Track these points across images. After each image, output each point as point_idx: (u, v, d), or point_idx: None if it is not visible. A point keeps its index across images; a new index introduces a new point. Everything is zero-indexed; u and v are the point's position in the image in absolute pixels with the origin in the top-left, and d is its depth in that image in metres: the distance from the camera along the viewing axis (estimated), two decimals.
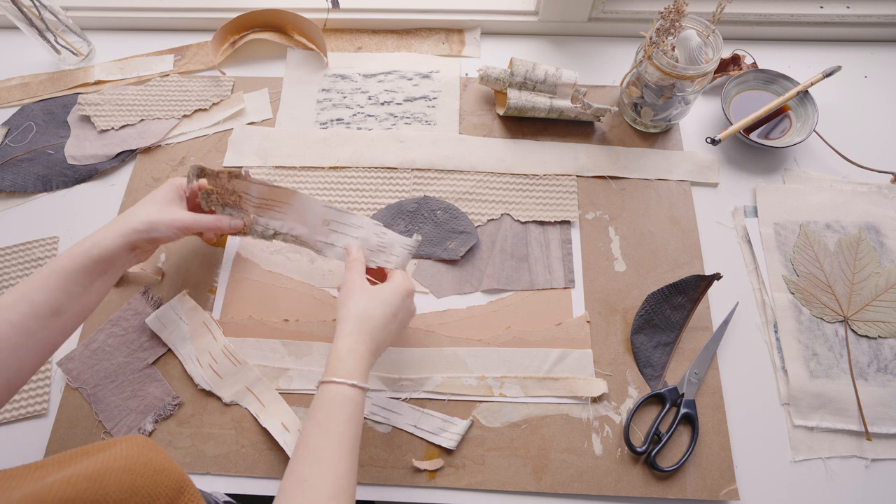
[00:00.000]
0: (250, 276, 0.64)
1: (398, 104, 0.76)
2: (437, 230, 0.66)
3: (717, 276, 0.60)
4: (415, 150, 0.72)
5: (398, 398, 0.58)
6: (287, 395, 0.58)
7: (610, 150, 0.72)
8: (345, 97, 0.77)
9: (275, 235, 0.59)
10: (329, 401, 0.45)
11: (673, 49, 0.63)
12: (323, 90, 0.77)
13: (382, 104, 0.76)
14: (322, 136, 0.73)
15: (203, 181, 0.58)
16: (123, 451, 0.34)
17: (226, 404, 0.58)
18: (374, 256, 0.59)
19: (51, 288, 0.47)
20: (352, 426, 0.44)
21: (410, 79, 0.78)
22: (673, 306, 0.61)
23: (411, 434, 0.56)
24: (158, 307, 0.61)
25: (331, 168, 0.71)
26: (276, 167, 0.71)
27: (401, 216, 0.67)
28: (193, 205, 0.58)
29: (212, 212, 0.59)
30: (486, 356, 0.60)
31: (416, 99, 0.76)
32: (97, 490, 0.30)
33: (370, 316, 0.49)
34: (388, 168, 0.71)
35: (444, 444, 0.55)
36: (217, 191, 0.59)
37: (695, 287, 0.61)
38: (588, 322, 0.61)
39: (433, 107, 0.76)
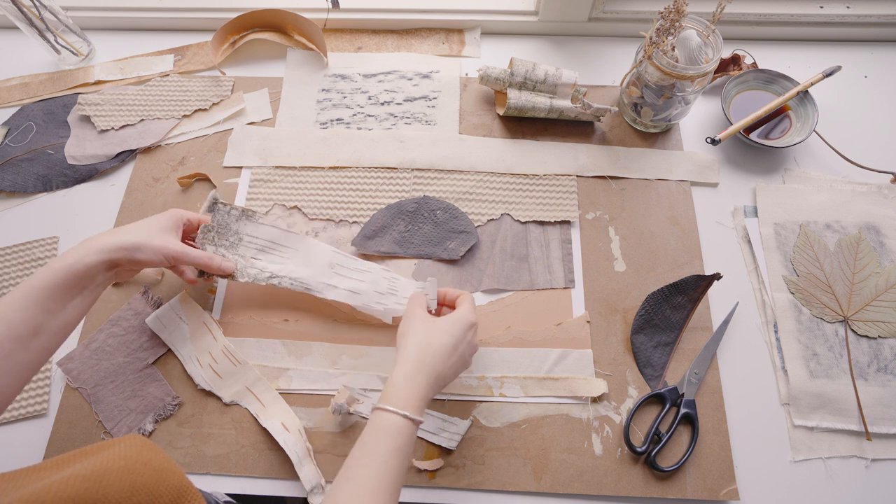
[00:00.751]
0: None
1: (398, 104, 0.76)
2: (436, 230, 0.66)
3: (717, 276, 0.60)
4: (415, 150, 0.72)
5: None
6: (287, 395, 0.58)
7: (610, 150, 0.72)
8: (345, 97, 0.77)
9: (270, 278, 0.59)
10: (378, 428, 0.44)
11: (673, 49, 0.63)
12: (323, 90, 0.77)
13: (382, 104, 0.76)
14: (322, 136, 0.73)
15: (207, 217, 0.58)
16: (122, 452, 0.34)
17: (226, 404, 0.57)
18: (384, 300, 0.59)
19: (28, 306, 0.45)
20: (397, 458, 0.43)
21: (410, 79, 0.78)
22: (673, 306, 0.61)
23: None
24: (158, 307, 0.61)
25: (331, 168, 0.71)
26: (276, 167, 0.71)
27: (400, 216, 0.67)
28: (189, 238, 0.58)
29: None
30: (485, 356, 0.60)
31: (416, 99, 0.76)
32: (97, 490, 0.31)
33: (430, 345, 0.48)
34: (388, 168, 0.71)
35: (444, 444, 0.55)
36: (217, 228, 0.59)
37: (695, 287, 0.61)
38: (588, 322, 0.61)
39: (433, 107, 0.76)
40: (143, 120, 0.74)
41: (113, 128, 0.74)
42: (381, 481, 0.41)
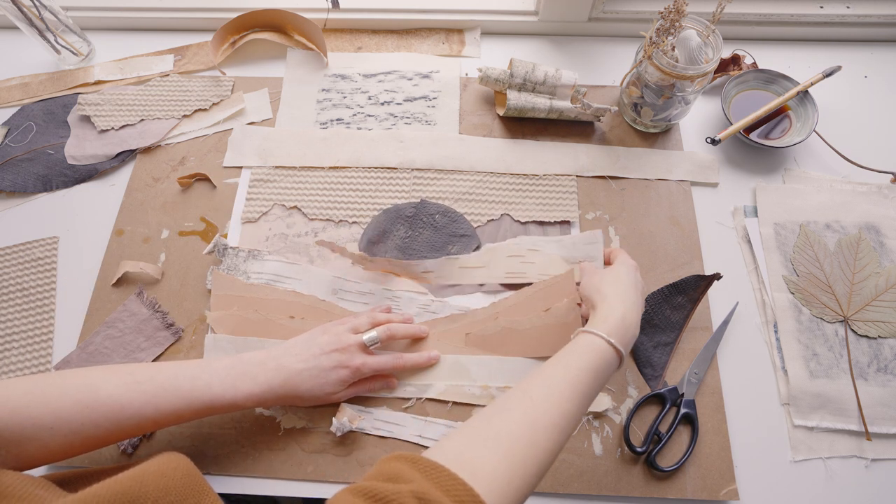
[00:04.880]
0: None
1: (398, 104, 0.76)
2: (437, 235, 0.66)
3: (717, 276, 0.60)
4: (415, 150, 0.72)
5: (403, 400, 0.58)
6: None
7: (610, 150, 0.72)
8: (345, 97, 0.77)
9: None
10: (578, 345, 0.48)
11: (673, 49, 0.63)
12: (323, 90, 0.77)
13: (382, 104, 0.76)
14: (322, 136, 0.73)
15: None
16: (158, 459, 0.40)
17: None
18: None
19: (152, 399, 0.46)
20: (587, 375, 0.45)
21: (410, 79, 0.78)
22: (673, 306, 0.61)
23: (416, 444, 0.55)
24: (154, 308, 0.61)
25: (331, 168, 0.71)
26: (276, 167, 0.71)
27: (400, 221, 0.67)
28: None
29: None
30: (489, 365, 0.59)
31: (416, 99, 0.76)
32: (139, 488, 0.36)
33: (622, 287, 0.53)
34: (388, 168, 0.71)
35: None
36: (227, 271, 0.63)
37: (695, 287, 0.61)
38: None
39: (433, 107, 0.76)
40: (143, 120, 0.74)
41: (113, 128, 0.74)
42: (570, 388, 0.44)
